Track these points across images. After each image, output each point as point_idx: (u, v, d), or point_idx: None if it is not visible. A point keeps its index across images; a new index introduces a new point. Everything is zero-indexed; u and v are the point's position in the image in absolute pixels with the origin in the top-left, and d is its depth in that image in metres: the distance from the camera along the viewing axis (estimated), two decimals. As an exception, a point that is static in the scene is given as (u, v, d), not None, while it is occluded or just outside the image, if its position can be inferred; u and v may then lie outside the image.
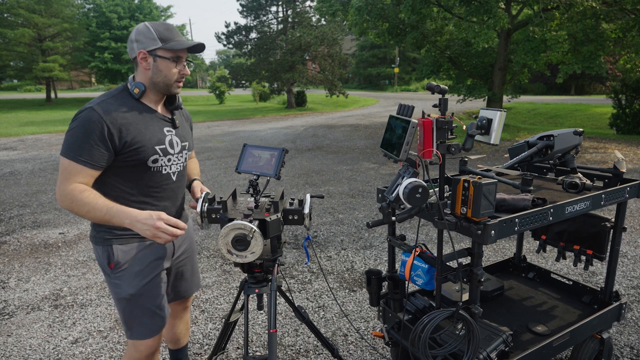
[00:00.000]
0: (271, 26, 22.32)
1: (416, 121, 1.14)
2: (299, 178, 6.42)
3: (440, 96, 1.15)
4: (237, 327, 1.81)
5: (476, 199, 1.10)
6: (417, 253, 1.47)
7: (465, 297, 1.84)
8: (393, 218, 1.16)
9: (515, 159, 1.64)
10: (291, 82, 21.35)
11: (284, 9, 21.92)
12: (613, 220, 1.78)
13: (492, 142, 1.23)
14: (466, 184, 1.13)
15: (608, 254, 1.83)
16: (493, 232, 1.18)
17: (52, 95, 25.39)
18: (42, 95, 28.54)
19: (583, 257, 1.94)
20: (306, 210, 1.33)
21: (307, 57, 21.29)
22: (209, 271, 3.16)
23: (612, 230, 1.77)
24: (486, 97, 11.19)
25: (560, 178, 1.58)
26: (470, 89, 11.18)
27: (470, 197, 1.12)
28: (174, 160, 1.44)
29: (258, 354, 2.17)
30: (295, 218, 1.33)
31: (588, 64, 7.73)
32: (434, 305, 1.54)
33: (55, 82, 25.84)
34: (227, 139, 11.45)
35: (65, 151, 1.25)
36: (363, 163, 7.49)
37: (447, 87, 1.12)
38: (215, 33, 21.12)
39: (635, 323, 2.30)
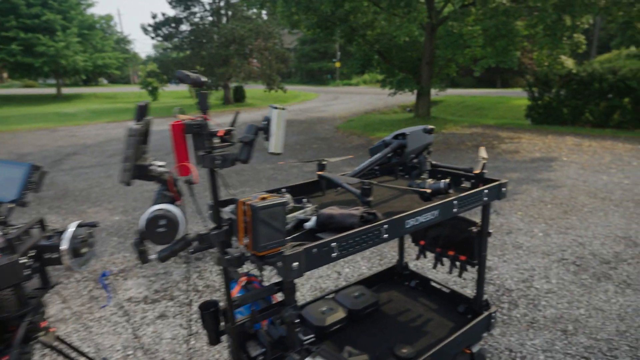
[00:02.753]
0: (204, 18, 21.22)
1: (134, 126, 0.85)
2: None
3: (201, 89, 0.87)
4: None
5: (255, 227, 0.84)
6: (242, 283, 1.19)
7: (333, 319, 1.60)
8: (152, 257, 0.87)
9: (366, 162, 1.42)
10: (227, 77, 20.50)
11: (216, 0, 20.93)
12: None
13: (270, 150, 0.98)
14: (245, 207, 0.86)
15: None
16: (297, 264, 0.92)
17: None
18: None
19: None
20: (64, 246, 0.99)
21: (247, 51, 20.51)
22: (73, 299, 2.69)
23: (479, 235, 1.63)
24: (415, 91, 11.44)
25: (419, 184, 1.38)
26: (400, 83, 11.34)
27: (249, 225, 0.86)
28: None
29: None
30: (53, 257, 0.99)
31: (502, 58, 8.08)
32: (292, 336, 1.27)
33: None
34: (153, 139, 10.45)
35: None
36: (288, 160, 7.21)
37: (205, 79, 0.84)
38: (141, 24, 19.63)
39: (518, 321, 2.24)
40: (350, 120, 12.83)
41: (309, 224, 1.16)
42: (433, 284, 1.96)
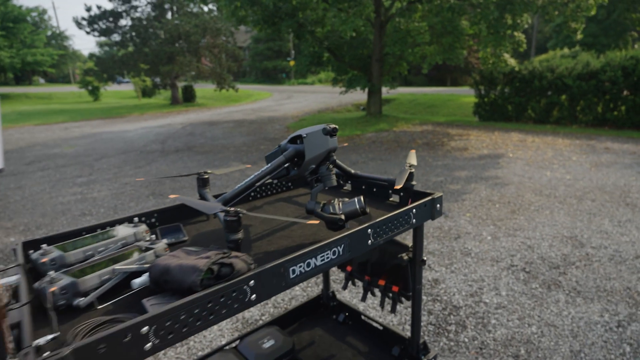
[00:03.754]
0: (146, 12, 19.90)
1: None
2: (147, 187, 5.35)
3: None
4: None
5: None
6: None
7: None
8: None
9: (251, 177, 1.02)
10: (173, 75, 19.38)
11: (159, -6, 19.72)
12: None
13: None
14: None
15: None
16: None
17: None
18: None
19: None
20: None
21: (194, 48, 19.43)
22: None
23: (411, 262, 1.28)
24: (366, 89, 11.29)
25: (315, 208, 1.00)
26: (351, 81, 11.13)
27: None
28: None
29: None
30: None
31: (448, 55, 8.07)
32: None
33: None
34: (83, 143, 9.60)
35: None
36: (232, 163, 6.69)
37: None
38: (74, 17, 18.01)
39: (467, 348, 1.95)
40: (302, 120, 12.46)
41: (139, 281, 0.74)
42: (365, 318, 1.61)
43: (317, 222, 0.80)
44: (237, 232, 0.80)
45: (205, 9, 19.78)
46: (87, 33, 18.90)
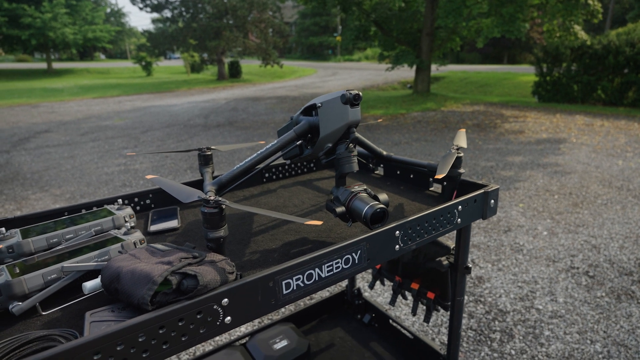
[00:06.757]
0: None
1: None
2: (185, 161, 5.40)
3: None
4: None
5: None
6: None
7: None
8: None
9: (254, 156, 0.82)
10: (220, 50, 19.56)
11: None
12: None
13: None
14: None
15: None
16: None
17: None
18: None
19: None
20: None
21: (241, 24, 19.42)
22: None
23: (452, 269, 1.04)
24: (415, 66, 10.64)
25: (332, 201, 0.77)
26: (398, 57, 10.52)
27: None
28: None
29: None
30: None
31: (508, 27, 7.29)
32: None
33: None
34: (133, 116, 9.97)
35: None
36: (270, 140, 6.59)
37: None
38: (128, -7, 18.55)
39: (514, 363, 1.69)
40: (345, 97, 12.08)
41: (91, 285, 0.59)
42: (393, 323, 1.40)
43: (318, 223, 0.59)
44: (218, 228, 0.61)
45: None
46: (140, 9, 19.42)
